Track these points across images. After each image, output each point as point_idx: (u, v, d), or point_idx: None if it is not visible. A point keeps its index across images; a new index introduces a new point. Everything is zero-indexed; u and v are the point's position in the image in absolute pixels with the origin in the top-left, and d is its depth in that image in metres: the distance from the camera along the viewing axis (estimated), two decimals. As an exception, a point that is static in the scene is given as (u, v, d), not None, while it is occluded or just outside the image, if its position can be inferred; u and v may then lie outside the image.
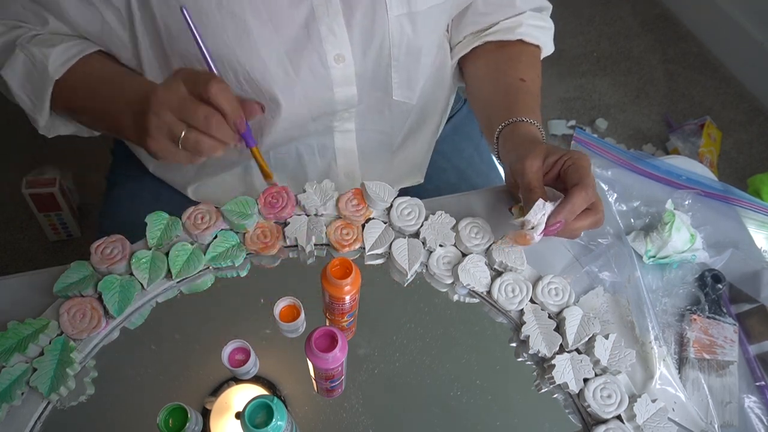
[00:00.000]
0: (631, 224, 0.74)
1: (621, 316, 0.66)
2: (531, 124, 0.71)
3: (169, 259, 0.63)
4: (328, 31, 0.70)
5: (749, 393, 0.64)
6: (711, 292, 0.69)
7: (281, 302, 0.59)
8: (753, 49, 1.97)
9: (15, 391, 0.54)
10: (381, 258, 0.68)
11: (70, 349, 0.57)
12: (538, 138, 0.70)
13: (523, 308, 0.63)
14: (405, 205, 0.68)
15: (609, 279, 0.68)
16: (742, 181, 1.75)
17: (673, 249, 0.69)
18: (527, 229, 0.61)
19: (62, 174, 1.54)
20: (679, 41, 2.16)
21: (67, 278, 0.61)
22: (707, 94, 2.02)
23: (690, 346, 0.65)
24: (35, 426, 0.55)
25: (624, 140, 1.91)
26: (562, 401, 0.61)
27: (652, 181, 0.79)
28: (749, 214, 0.77)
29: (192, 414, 0.51)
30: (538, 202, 0.60)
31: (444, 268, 0.66)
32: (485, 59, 0.82)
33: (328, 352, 0.51)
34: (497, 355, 0.64)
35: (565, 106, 1.98)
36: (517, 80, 0.78)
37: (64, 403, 0.57)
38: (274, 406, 0.46)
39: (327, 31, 0.70)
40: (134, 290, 0.61)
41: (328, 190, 0.68)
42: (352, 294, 0.56)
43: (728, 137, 1.92)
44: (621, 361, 0.60)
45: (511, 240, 0.65)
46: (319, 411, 0.60)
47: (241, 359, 0.57)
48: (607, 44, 2.14)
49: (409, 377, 0.62)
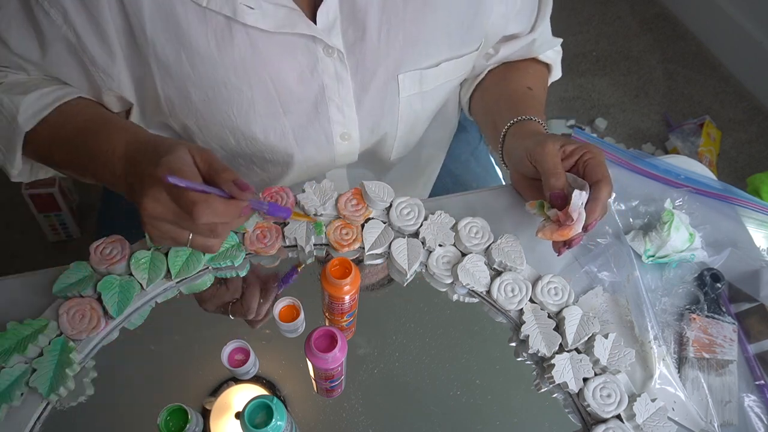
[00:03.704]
0: (630, 224, 0.74)
1: (620, 315, 0.66)
2: (539, 123, 0.71)
3: (168, 260, 0.62)
4: (337, 110, 0.69)
5: (749, 392, 0.64)
6: (710, 291, 0.69)
7: (281, 302, 0.59)
8: (752, 49, 1.97)
9: (14, 392, 0.54)
10: (380, 258, 0.68)
11: (70, 349, 0.57)
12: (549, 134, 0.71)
13: (523, 308, 0.63)
14: (404, 204, 0.68)
15: (608, 278, 0.68)
16: (741, 180, 1.75)
17: (672, 248, 0.69)
18: (567, 222, 0.60)
19: (62, 174, 1.54)
20: (679, 40, 2.16)
21: (67, 279, 0.61)
22: (706, 93, 2.02)
23: (689, 345, 0.65)
24: (35, 426, 0.55)
25: (623, 139, 1.91)
26: (562, 401, 0.61)
27: (651, 180, 0.79)
28: (748, 213, 0.77)
29: (192, 415, 0.51)
30: (575, 192, 0.59)
31: (443, 268, 0.66)
32: (492, 72, 0.82)
33: (327, 352, 0.51)
34: (497, 355, 0.64)
35: (564, 105, 1.98)
36: (524, 87, 0.78)
37: (63, 404, 0.57)
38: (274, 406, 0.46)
39: (336, 111, 0.69)
40: (134, 290, 0.61)
41: (328, 190, 0.68)
42: (352, 294, 0.56)
43: (727, 136, 1.92)
44: (620, 360, 0.60)
45: (548, 235, 0.62)
46: (319, 411, 0.60)
47: (240, 359, 0.57)
48: (606, 44, 2.14)
49: (409, 377, 0.62)
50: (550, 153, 0.62)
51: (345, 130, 0.71)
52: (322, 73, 0.65)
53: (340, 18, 0.62)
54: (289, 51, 0.63)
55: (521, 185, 0.72)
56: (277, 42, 0.62)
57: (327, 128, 0.70)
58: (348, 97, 0.68)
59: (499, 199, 0.74)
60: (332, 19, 0.62)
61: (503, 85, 0.80)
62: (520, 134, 0.70)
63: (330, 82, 0.66)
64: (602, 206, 0.61)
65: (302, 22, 0.60)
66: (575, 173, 0.64)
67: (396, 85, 0.69)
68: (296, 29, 0.61)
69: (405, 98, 0.71)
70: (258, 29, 0.60)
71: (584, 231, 0.61)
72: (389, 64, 0.67)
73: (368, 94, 0.69)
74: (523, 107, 0.74)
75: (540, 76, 0.83)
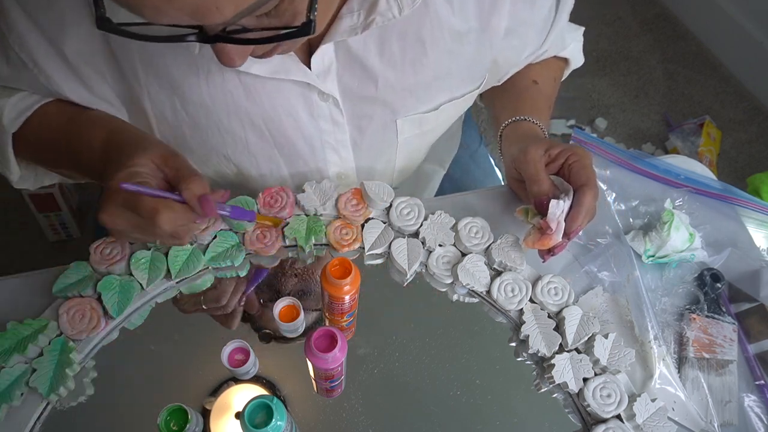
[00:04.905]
0: (629, 224, 0.74)
1: (620, 315, 0.66)
2: (533, 123, 0.71)
3: (168, 259, 0.62)
4: (333, 152, 0.68)
5: (749, 392, 0.64)
6: (710, 291, 0.69)
7: (281, 302, 0.59)
8: (752, 49, 1.97)
9: (14, 392, 0.54)
10: (380, 258, 0.68)
11: (70, 349, 0.57)
12: (540, 135, 0.70)
13: (523, 308, 0.63)
14: (404, 205, 0.68)
15: (608, 278, 0.68)
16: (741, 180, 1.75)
17: (672, 248, 0.69)
18: (547, 231, 0.60)
19: (62, 174, 1.54)
20: (679, 40, 2.16)
21: (67, 278, 0.61)
22: (706, 93, 2.02)
23: (689, 345, 0.65)
24: (35, 426, 0.55)
25: (623, 139, 1.91)
26: (562, 401, 0.61)
27: (651, 180, 0.79)
28: (748, 213, 0.77)
29: (192, 415, 0.51)
30: (552, 202, 0.59)
31: (443, 268, 0.66)
32: None
33: (327, 353, 0.51)
34: (497, 355, 0.64)
35: (564, 105, 1.98)
36: (529, 81, 0.77)
37: (63, 404, 0.57)
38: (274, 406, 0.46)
39: (332, 154, 0.68)
40: (134, 290, 0.61)
41: (328, 190, 0.68)
42: (352, 294, 0.56)
43: (728, 136, 1.92)
44: (620, 360, 0.60)
45: (530, 244, 0.62)
46: (319, 411, 0.60)
47: (240, 359, 0.57)
48: (606, 44, 2.14)
49: (409, 377, 0.62)
50: (532, 160, 0.62)
51: (341, 170, 0.71)
52: (318, 117, 0.64)
53: (336, 64, 0.61)
54: (284, 96, 0.62)
55: (516, 187, 0.71)
56: (271, 87, 0.61)
57: (323, 169, 0.70)
58: (344, 139, 0.67)
59: (499, 199, 0.74)
60: (327, 65, 0.61)
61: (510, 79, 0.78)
62: (512, 137, 0.70)
63: (326, 126, 0.65)
64: (586, 212, 0.60)
65: (296, 68, 0.59)
66: (562, 176, 0.64)
67: (395, 128, 0.68)
68: (290, 75, 0.59)
69: (403, 139, 0.70)
70: (251, 74, 0.59)
71: (567, 238, 0.60)
72: (387, 110, 0.66)
73: (365, 138, 0.68)
74: (522, 105, 0.74)
75: (551, 67, 0.81)
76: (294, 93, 0.62)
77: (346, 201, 0.68)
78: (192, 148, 0.66)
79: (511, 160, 0.67)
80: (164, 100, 0.61)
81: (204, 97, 0.60)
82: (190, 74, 0.59)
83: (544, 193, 0.61)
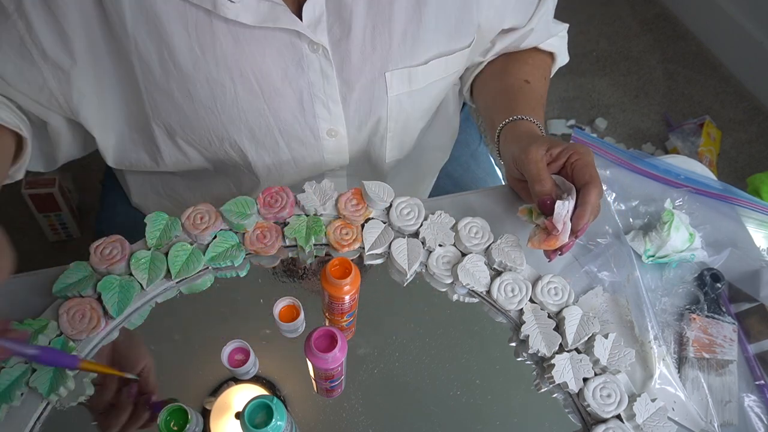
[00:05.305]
0: (629, 224, 0.74)
1: (620, 315, 0.66)
2: (531, 122, 0.71)
3: (168, 260, 0.62)
4: (322, 107, 0.68)
5: (749, 392, 0.64)
6: (710, 291, 0.69)
7: (281, 302, 0.59)
8: (752, 49, 1.97)
9: (14, 392, 0.54)
10: (380, 258, 0.68)
11: (70, 349, 0.57)
12: (538, 134, 0.70)
13: (523, 308, 0.63)
14: (404, 204, 0.68)
15: (608, 278, 0.68)
16: (741, 180, 1.75)
17: (672, 248, 0.69)
18: (553, 232, 0.60)
19: (61, 174, 1.54)
20: (679, 40, 2.16)
21: (67, 279, 0.61)
22: (706, 93, 2.02)
23: (689, 345, 0.65)
24: (35, 426, 0.55)
25: (623, 139, 1.91)
26: (562, 401, 0.61)
27: (651, 180, 0.79)
28: (748, 213, 0.77)
29: (192, 415, 0.51)
30: (558, 203, 0.59)
31: (443, 268, 0.66)
32: (491, 63, 0.82)
33: (327, 352, 0.51)
34: (497, 355, 0.64)
35: (564, 105, 1.98)
36: (521, 81, 0.77)
37: (63, 404, 0.57)
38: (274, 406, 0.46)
39: (322, 108, 0.68)
40: (134, 290, 0.61)
41: (328, 190, 0.68)
42: (352, 294, 0.56)
43: (728, 136, 1.92)
44: (620, 360, 0.60)
45: (536, 244, 0.62)
46: (319, 411, 0.60)
47: (240, 359, 0.57)
48: (606, 44, 2.14)
49: (409, 377, 0.62)
50: (534, 159, 0.62)
51: (331, 127, 0.71)
52: (307, 69, 0.64)
53: (326, 14, 0.62)
54: (273, 46, 0.62)
55: (517, 186, 0.71)
56: (260, 37, 0.61)
57: (313, 124, 0.70)
58: (334, 93, 0.67)
59: (499, 199, 0.74)
60: (318, 15, 0.61)
61: (501, 79, 0.79)
62: (511, 137, 0.70)
63: (315, 79, 0.65)
64: (592, 209, 0.60)
65: (286, 16, 0.60)
66: (564, 176, 0.64)
67: (384, 83, 0.68)
68: (279, 23, 0.60)
69: (393, 97, 0.70)
70: (240, 23, 0.59)
71: (574, 237, 0.60)
72: (376, 61, 0.66)
73: (354, 91, 0.68)
74: (517, 104, 0.74)
75: (541, 66, 0.81)
76: (284, 44, 0.62)
77: (346, 201, 0.68)
78: (179, 104, 0.65)
79: (511, 159, 0.67)
80: (152, 51, 0.60)
81: (192, 45, 0.60)
82: (179, 22, 0.59)
83: (547, 193, 0.61)
